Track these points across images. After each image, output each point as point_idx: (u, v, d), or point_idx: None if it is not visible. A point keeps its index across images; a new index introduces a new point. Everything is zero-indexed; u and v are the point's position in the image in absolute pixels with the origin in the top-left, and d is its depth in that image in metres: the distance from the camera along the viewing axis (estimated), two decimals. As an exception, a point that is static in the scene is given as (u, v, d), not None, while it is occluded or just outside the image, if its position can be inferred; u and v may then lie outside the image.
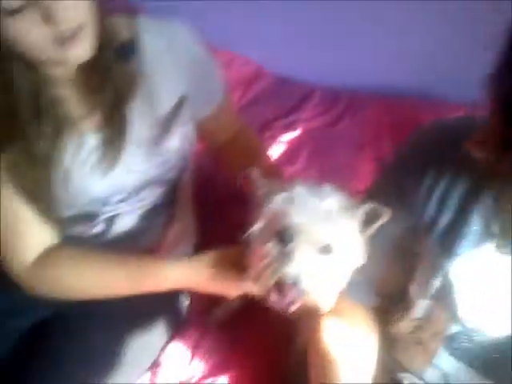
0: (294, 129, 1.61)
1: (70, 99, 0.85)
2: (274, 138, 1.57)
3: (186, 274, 0.89)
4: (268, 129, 1.60)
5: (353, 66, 1.68)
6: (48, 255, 0.91)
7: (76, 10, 0.72)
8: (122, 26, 0.85)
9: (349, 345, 0.84)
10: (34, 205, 0.87)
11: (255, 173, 0.85)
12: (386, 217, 0.78)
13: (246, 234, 0.88)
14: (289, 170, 1.47)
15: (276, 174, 1.10)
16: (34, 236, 0.90)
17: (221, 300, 1.11)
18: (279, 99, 1.69)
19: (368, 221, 0.78)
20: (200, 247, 1.15)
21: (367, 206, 0.78)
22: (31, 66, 0.75)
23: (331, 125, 1.63)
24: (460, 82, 1.55)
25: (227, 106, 1.08)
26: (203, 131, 1.03)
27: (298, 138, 1.59)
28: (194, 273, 0.88)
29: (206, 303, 1.16)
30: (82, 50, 0.74)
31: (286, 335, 1.10)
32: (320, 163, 1.50)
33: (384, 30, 1.58)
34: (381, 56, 1.62)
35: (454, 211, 0.74)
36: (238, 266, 0.85)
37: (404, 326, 0.85)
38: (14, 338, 0.98)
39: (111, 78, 0.83)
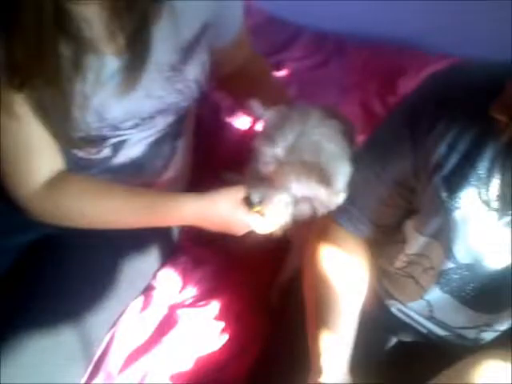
0: (281, 68, 1.61)
1: (94, 20, 0.83)
2: (261, 75, 1.58)
3: (198, 210, 0.91)
4: (255, 66, 1.59)
5: (341, 11, 1.66)
6: (57, 180, 0.91)
7: None
8: None
9: (343, 269, 0.88)
10: (49, 125, 0.86)
11: (256, 103, 0.92)
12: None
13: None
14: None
15: (282, 98, 1.10)
16: (43, 160, 0.89)
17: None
18: (267, 38, 1.66)
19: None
20: (193, 181, 1.18)
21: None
22: None
23: (318, 67, 1.63)
24: (447, 36, 1.60)
25: (244, 34, 1.06)
26: (217, 59, 1.01)
27: (285, 77, 1.59)
28: (206, 210, 0.91)
29: (195, 233, 1.19)
30: None
31: (274, 264, 1.15)
32: (306, 103, 1.52)
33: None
34: (369, 3, 1.62)
35: (462, 155, 0.76)
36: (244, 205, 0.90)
37: (398, 259, 0.89)
38: (14, 254, 0.99)
39: (138, 3, 0.81)
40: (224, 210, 0.90)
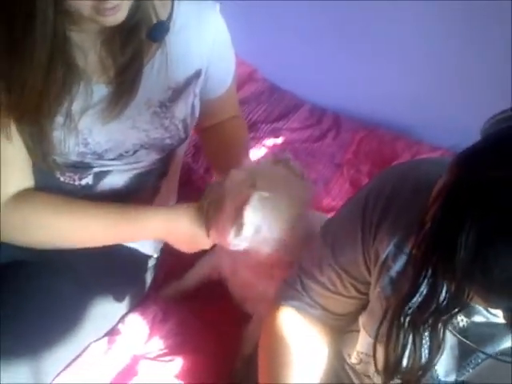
0: (278, 136, 1.64)
1: (90, 51, 0.86)
2: (257, 140, 1.60)
3: (163, 223, 0.91)
4: (253, 130, 1.62)
5: (338, 89, 1.72)
6: (24, 195, 0.89)
7: None
8: None
9: (302, 340, 0.83)
10: (32, 145, 0.86)
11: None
12: None
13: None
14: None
15: None
16: (15, 174, 0.88)
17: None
18: (268, 105, 1.72)
19: None
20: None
21: None
22: (65, 11, 0.75)
23: (314, 140, 1.66)
24: (441, 127, 1.65)
25: (233, 93, 1.10)
26: (203, 111, 1.03)
27: (280, 146, 1.61)
28: (171, 222, 0.92)
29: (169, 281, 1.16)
30: (119, 17, 0.77)
31: (241, 320, 1.10)
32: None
33: (380, 66, 1.65)
34: (371, 87, 1.68)
35: (409, 258, 0.69)
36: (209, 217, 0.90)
37: (353, 356, 0.84)
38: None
39: (133, 41, 0.84)
40: (185, 226, 0.91)
